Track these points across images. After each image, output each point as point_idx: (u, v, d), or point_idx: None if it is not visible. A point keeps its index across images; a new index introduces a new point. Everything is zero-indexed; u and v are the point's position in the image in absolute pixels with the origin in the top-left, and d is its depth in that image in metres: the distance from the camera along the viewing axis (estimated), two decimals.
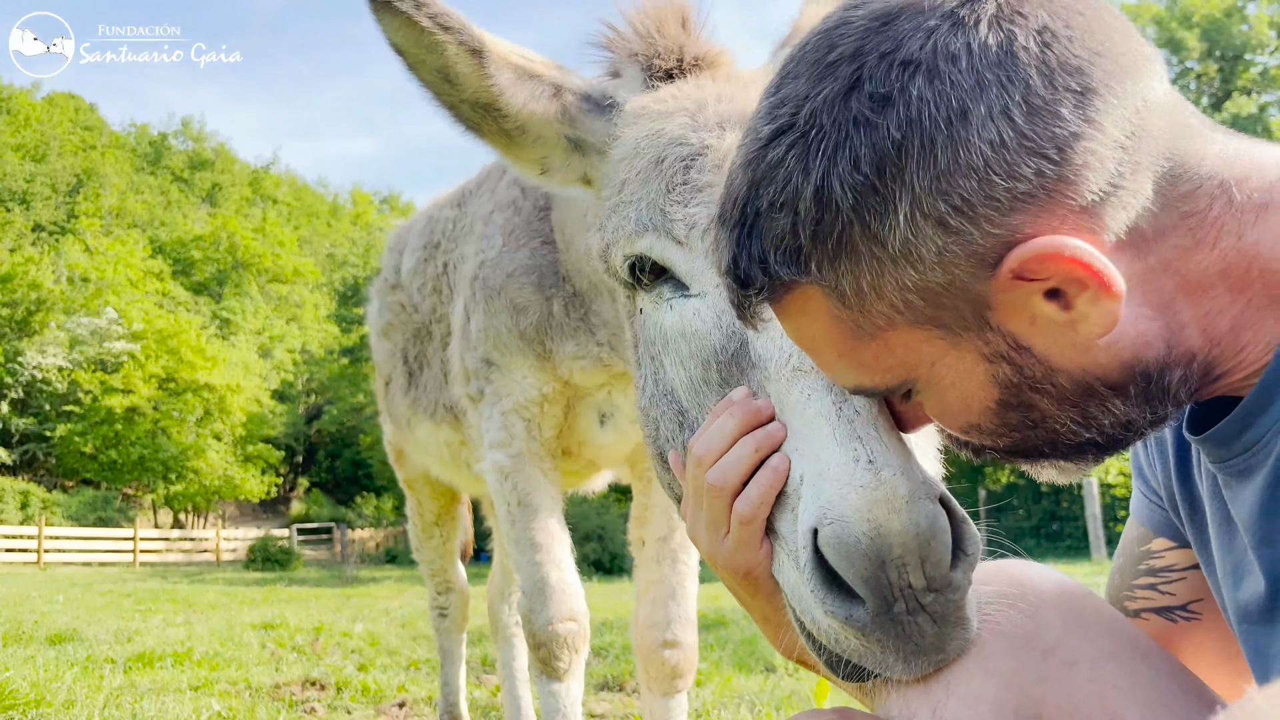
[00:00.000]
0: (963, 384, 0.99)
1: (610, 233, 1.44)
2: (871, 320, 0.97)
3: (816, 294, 0.98)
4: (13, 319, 41.79)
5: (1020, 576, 1.18)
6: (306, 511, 44.67)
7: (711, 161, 1.36)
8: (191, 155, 71.40)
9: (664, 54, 1.65)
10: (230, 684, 5.29)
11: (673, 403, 1.35)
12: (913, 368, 1.00)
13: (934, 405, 1.04)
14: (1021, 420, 1.01)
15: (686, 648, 2.63)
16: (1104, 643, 1.10)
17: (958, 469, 31.75)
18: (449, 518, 4.22)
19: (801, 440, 1.09)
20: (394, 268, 3.51)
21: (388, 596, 13.90)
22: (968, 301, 0.94)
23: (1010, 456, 1.07)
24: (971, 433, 1.05)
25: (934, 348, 0.97)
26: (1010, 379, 0.97)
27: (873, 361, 1.00)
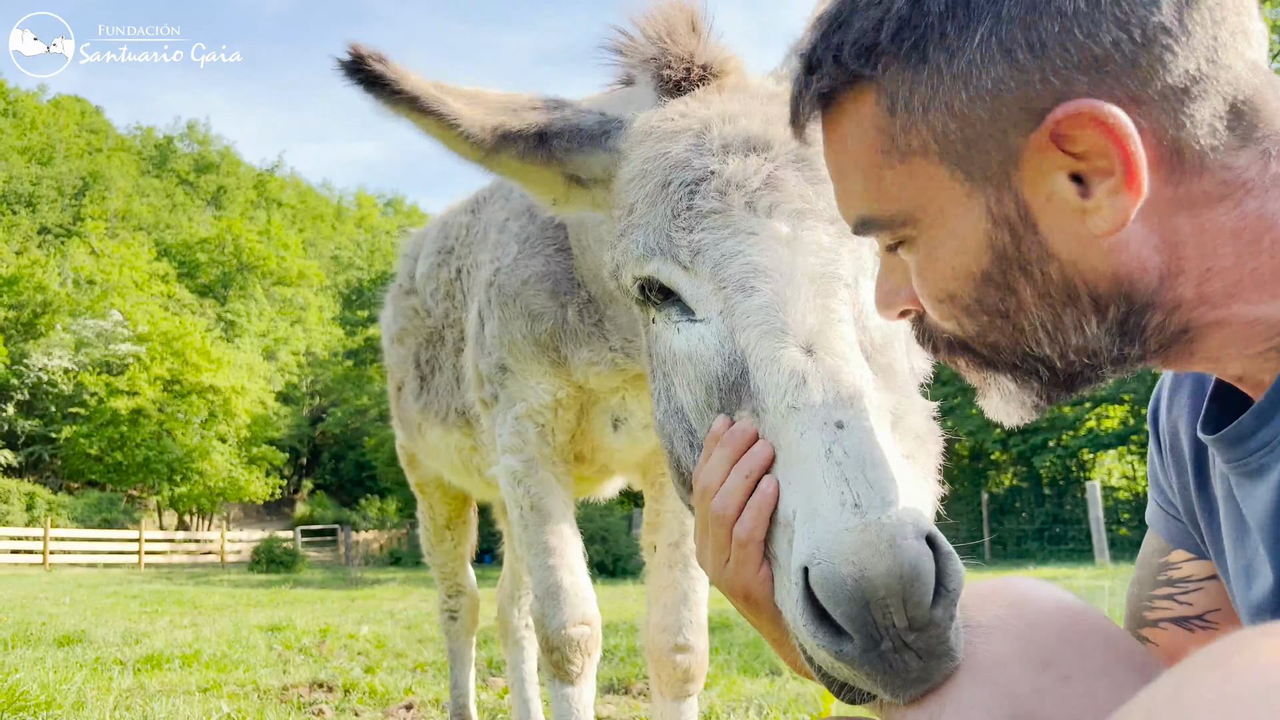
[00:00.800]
0: (958, 240, 1.01)
1: (620, 254, 1.45)
2: (908, 139, 1.00)
3: (870, 99, 1.01)
4: (19, 321, 41.92)
5: (1018, 592, 1.20)
6: (311, 513, 44.72)
7: (715, 187, 1.35)
8: (197, 158, 71.57)
9: (674, 63, 1.65)
10: (239, 686, 5.32)
11: (683, 421, 1.37)
12: (923, 206, 1.02)
13: (921, 260, 1.05)
14: (996, 303, 1.02)
15: (698, 652, 2.65)
16: (1100, 657, 1.11)
17: (962, 474, 31.58)
18: (460, 522, 4.24)
19: (795, 476, 1.11)
20: (409, 273, 3.53)
21: (393, 599, 13.92)
22: (1000, 151, 0.96)
23: (967, 354, 1.09)
24: (945, 303, 1.05)
25: (949, 193, 1.00)
26: (1005, 249, 0.99)
27: (890, 187, 1.03)
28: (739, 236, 1.30)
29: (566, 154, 1.62)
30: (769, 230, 1.30)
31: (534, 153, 1.62)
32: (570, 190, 1.68)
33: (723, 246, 1.31)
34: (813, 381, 1.16)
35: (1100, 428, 32.21)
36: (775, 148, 1.39)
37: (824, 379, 1.16)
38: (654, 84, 1.68)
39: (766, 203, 1.33)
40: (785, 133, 1.39)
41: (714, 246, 1.31)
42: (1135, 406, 31.53)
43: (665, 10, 1.72)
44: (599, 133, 1.61)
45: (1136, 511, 30.35)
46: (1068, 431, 31.50)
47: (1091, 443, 31.69)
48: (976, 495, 31.49)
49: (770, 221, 1.31)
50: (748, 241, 1.30)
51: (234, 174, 71.60)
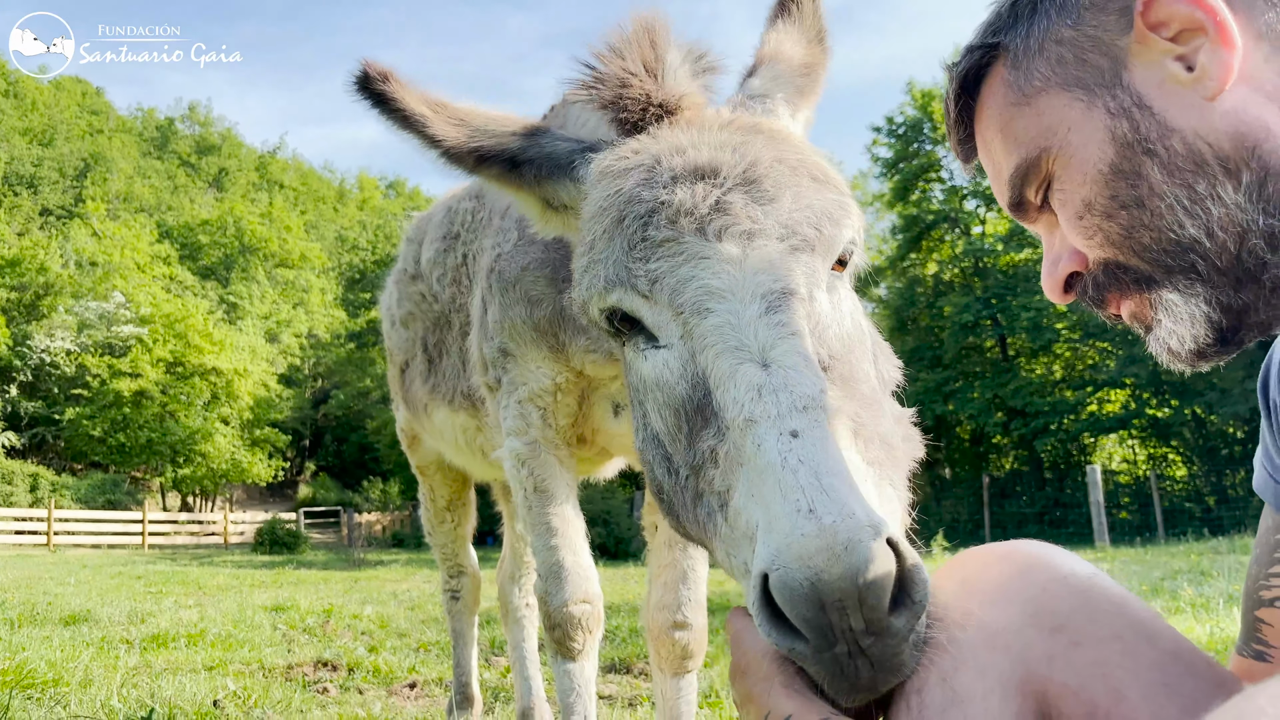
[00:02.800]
0: (1085, 149, 1.14)
1: (585, 290, 1.49)
2: (1030, 81, 1.18)
3: (999, 67, 1.22)
4: (21, 303, 41.92)
5: (1030, 557, 1.21)
6: (313, 495, 44.87)
7: (666, 217, 1.38)
8: (198, 140, 71.40)
9: (630, 107, 1.68)
10: (244, 664, 5.37)
11: (659, 447, 1.40)
12: (1052, 133, 1.16)
13: (1063, 185, 1.17)
14: (1129, 193, 1.11)
15: (697, 629, 2.69)
16: (1111, 623, 1.13)
17: (963, 457, 31.52)
18: (461, 503, 4.28)
19: (754, 488, 1.14)
20: (413, 258, 3.55)
21: (396, 580, 13.99)
22: (1108, 58, 1.11)
23: (1124, 274, 1.17)
24: (1085, 217, 1.16)
25: (1074, 111, 1.14)
26: (1126, 136, 1.10)
27: (1024, 132, 1.19)
28: (692, 262, 1.33)
29: (537, 181, 1.72)
30: (720, 253, 1.33)
31: (508, 176, 1.73)
32: (546, 213, 1.77)
33: (678, 273, 1.34)
34: (766, 393, 1.18)
35: (1102, 412, 32.24)
36: (723, 172, 1.41)
37: (778, 390, 1.19)
38: (614, 127, 1.72)
39: (716, 226, 1.35)
40: (732, 158, 1.43)
41: (670, 274, 1.35)
42: (1137, 391, 31.55)
43: (625, 50, 1.75)
44: (567, 163, 1.69)
45: (1137, 496, 30.42)
46: (1069, 415, 31.52)
47: (1093, 427, 31.72)
48: (977, 479, 31.53)
49: (721, 245, 1.34)
50: (700, 265, 1.33)
51: (235, 156, 71.43)
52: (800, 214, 1.39)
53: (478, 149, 1.71)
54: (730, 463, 1.20)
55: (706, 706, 3.69)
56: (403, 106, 1.70)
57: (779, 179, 1.42)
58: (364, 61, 1.71)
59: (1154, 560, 12.17)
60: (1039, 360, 34.16)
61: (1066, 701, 1.09)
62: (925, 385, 33.44)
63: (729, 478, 1.20)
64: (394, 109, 1.70)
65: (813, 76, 1.91)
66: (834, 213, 1.42)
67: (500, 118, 1.79)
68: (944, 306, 34.00)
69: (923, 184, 37.03)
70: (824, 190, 1.45)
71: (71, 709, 3.72)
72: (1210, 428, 30.61)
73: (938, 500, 33.95)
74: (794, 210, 1.39)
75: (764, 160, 1.44)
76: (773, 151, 1.46)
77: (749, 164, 1.42)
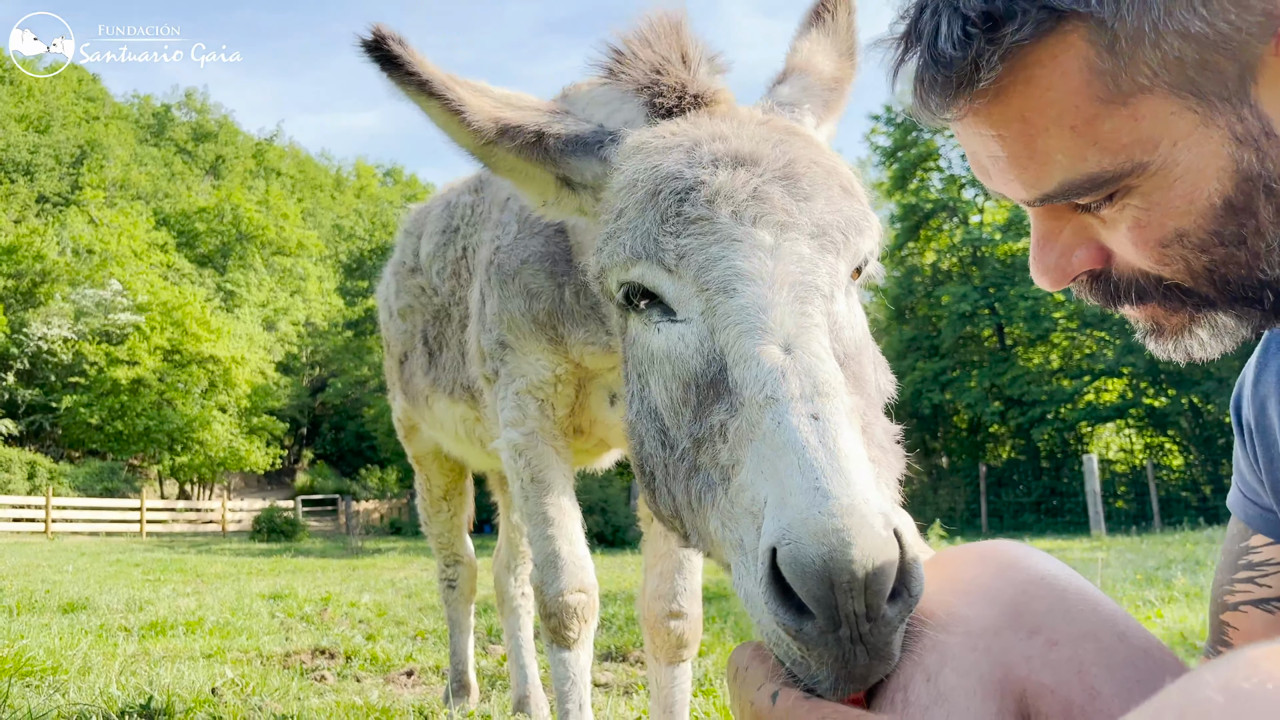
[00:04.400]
0: (1197, 172, 0.93)
1: (606, 257, 1.49)
2: (1132, 77, 0.90)
3: (1079, 40, 0.91)
4: (18, 290, 41.86)
5: (1007, 558, 1.24)
6: (311, 483, 44.90)
7: (704, 196, 1.40)
8: (195, 127, 71.13)
9: (666, 93, 1.70)
10: (242, 652, 5.39)
11: (656, 420, 1.41)
12: (1153, 146, 0.93)
13: (1140, 208, 0.97)
14: (1235, 231, 0.95)
15: (692, 618, 2.71)
16: (1085, 622, 1.16)
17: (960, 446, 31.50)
18: (457, 492, 4.30)
19: (768, 464, 1.14)
20: (412, 251, 3.56)
21: (393, 568, 14.02)
22: (1237, 65, 0.88)
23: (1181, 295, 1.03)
24: (1173, 245, 0.98)
25: (1183, 122, 0.91)
26: (1251, 169, 0.92)
27: (1110, 136, 0.93)
28: (724, 243, 1.35)
29: (561, 156, 1.71)
30: (753, 238, 1.35)
31: (530, 149, 1.71)
32: (561, 193, 1.76)
33: (708, 251, 1.35)
34: (791, 376, 1.20)
35: (1099, 401, 32.30)
36: (763, 164, 1.43)
37: (801, 374, 1.20)
38: (645, 110, 1.73)
39: (752, 213, 1.37)
40: (773, 152, 1.45)
41: (699, 251, 1.36)
42: (1134, 380, 31.60)
43: (660, 39, 1.76)
44: (594, 142, 1.69)
45: (1133, 485, 30.50)
46: (1066, 404, 31.58)
47: (1090, 416, 31.78)
48: (974, 468, 31.61)
49: (755, 230, 1.35)
50: (732, 248, 1.34)
51: (232, 143, 71.14)
52: (832, 217, 1.42)
53: (503, 118, 1.69)
54: (741, 438, 1.20)
55: (701, 694, 3.71)
56: (421, 71, 1.66)
57: (815, 179, 1.44)
58: (375, 25, 1.66)
59: (1149, 549, 12.23)
60: (1036, 349, 34.19)
61: (1044, 700, 1.12)
62: (923, 374, 33.48)
63: (737, 453, 1.20)
64: (411, 73, 1.65)
65: (839, 92, 1.93)
66: (860, 222, 1.45)
67: (519, 95, 1.80)
68: (942, 295, 34.01)
69: (921, 172, 37.01)
70: (852, 200, 1.48)
71: (70, 696, 3.74)
72: (1207, 417, 30.67)
73: (934, 489, 34.03)
74: (826, 212, 1.41)
75: (802, 159, 1.46)
76: (810, 153, 1.49)
77: (789, 160, 1.44)
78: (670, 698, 2.75)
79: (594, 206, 1.70)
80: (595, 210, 1.68)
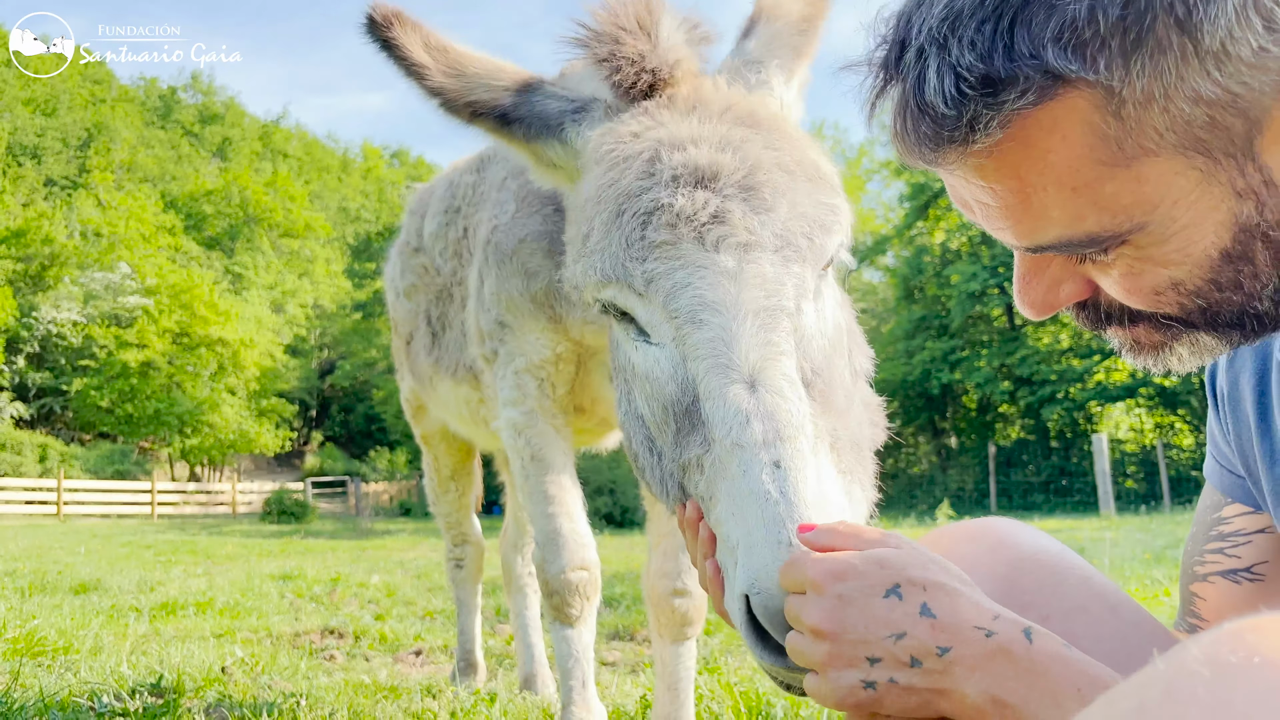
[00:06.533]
0: (1196, 228, 0.91)
1: (579, 276, 1.51)
2: (1138, 141, 0.87)
3: (1083, 104, 0.86)
4: (27, 274, 42.01)
5: (999, 535, 1.25)
6: (320, 465, 45.12)
7: (666, 220, 1.40)
8: (201, 109, 71.04)
9: (624, 67, 1.67)
10: (252, 632, 5.43)
11: (642, 427, 1.46)
12: (1153, 207, 0.90)
13: (1135, 259, 0.96)
14: (1231, 278, 0.94)
15: (696, 596, 2.72)
16: (1076, 596, 1.17)
17: (969, 426, 31.44)
18: (464, 472, 4.31)
19: (738, 509, 1.21)
20: (416, 231, 3.56)
21: (402, 549, 14.09)
22: (1245, 121, 0.85)
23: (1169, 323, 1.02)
24: (1166, 293, 0.97)
25: (1186, 181, 0.89)
26: (1250, 221, 0.90)
27: (1112, 198, 0.90)
28: (689, 269, 1.37)
29: (526, 138, 1.75)
30: (716, 265, 1.36)
31: (501, 130, 1.76)
32: (539, 167, 1.79)
33: (674, 277, 1.37)
34: (754, 420, 1.24)
35: (1109, 380, 32.21)
36: (722, 178, 1.43)
37: (763, 417, 1.24)
38: (608, 87, 1.71)
39: (714, 236, 1.38)
40: (732, 161, 1.44)
41: (665, 276, 1.38)
42: None
43: (617, 8, 1.73)
44: (555, 124, 1.72)
45: (1143, 464, 30.46)
46: (1075, 384, 31.50)
47: (1099, 395, 31.70)
48: (983, 447, 31.61)
49: (718, 256, 1.37)
50: (697, 274, 1.36)
51: (239, 125, 71.06)
52: (795, 223, 1.42)
53: (472, 103, 1.74)
54: (715, 474, 1.26)
55: (706, 672, 3.73)
56: (405, 54, 1.73)
57: (777, 185, 1.44)
58: (371, 4, 1.73)
59: (1158, 528, 12.22)
60: (1046, 329, 34.07)
61: None
62: (932, 354, 33.43)
63: (713, 487, 1.26)
64: (397, 55, 1.73)
65: (810, 33, 1.89)
66: (825, 219, 1.46)
67: (497, 69, 1.80)
68: (951, 275, 33.90)
69: None
70: (818, 192, 1.48)
71: (81, 675, 3.77)
72: None
73: (944, 469, 34.06)
74: (789, 220, 1.42)
75: (764, 164, 1.45)
76: (772, 154, 1.48)
77: (749, 169, 1.44)
78: (675, 675, 2.76)
79: (569, 199, 1.73)
80: (569, 204, 1.72)
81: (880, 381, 1.68)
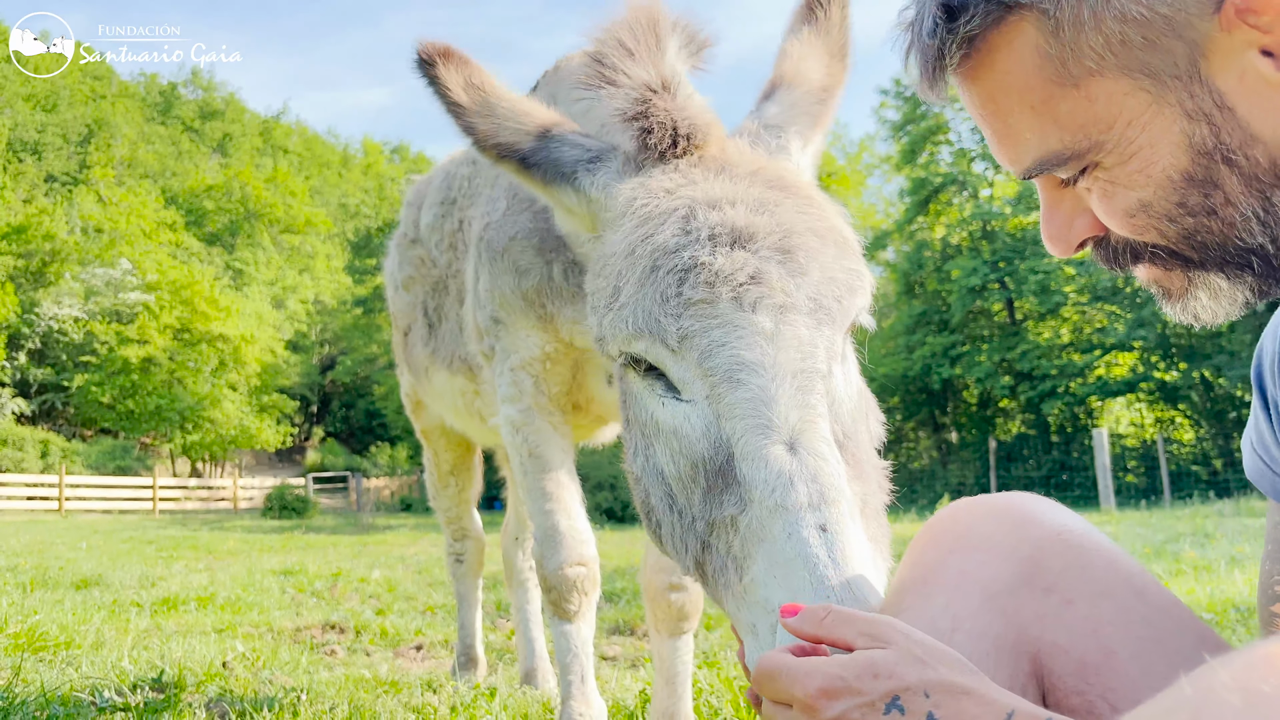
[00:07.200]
0: (1151, 149, 0.98)
1: (608, 328, 1.50)
2: (1080, 61, 0.96)
3: (1029, 28, 0.99)
4: (28, 270, 41.97)
5: (1023, 512, 1.22)
6: (322, 461, 45.11)
7: (704, 279, 1.40)
8: (201, 105, 70.93)
9: (657, 130, 1.67)
10: (253, 627, 5.45)
11: (663, 483, 1.44)
12: (1107, 125, 0.99)
13: (1106, 181, 1.03)
14: (1201, 203, 0.99)
15: (693, 591, 2.72)
16: (1102, 580, 1.14)
17: (970, 421, 31.44)
18: (464, 468, 4.32)
19: (781, 572, 1.19)
20: (413, 222, 3.57)
21: (403, 544, 14.11)
22: (1184, 43, 0.93)
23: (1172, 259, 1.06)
24: (1138, 215, 1.03)
25: (1136, 101, 0.97)
26: (1205, 143, 0.96)
27: (1068, 116, 1.00)
28: (725, 328, 1.36)
29: (545, 182, 1.77)
30: (754, 326, 1.36)
31: (522, 173, 1.80)
32: (560, 210, 1.83)
33: (710, 335, 1.36)
34: (798, 482, 1.23)
35: (1110, 375, 32.18)
36: (759, 239, 1.43)
37: (808, 480, 1.24)
38: (636, 145, 1.71)
39: (752, 297, 1.38)
40: (768, 224, 1.45)
41: (701, 334, 1.37)
42: (1145, 354, 31.47)
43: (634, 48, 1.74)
44: (569, 172, 1.74)
45: (1143, 459, 30.44)
46: (1076, 379, 31.48)
47: (1100, 390, 31.67)
48: (984, 442, 31.58)
49: (755, 317, 1.36)
50: (734, 334, 1.35)
51: (239, 121, 70.94)
52: (826, 287, 1.43)
53: (497, 144, 1.79)
54: (752, 535, 1.24)
55: (705, 667, 3.74)
56: (444, 92, 1.81)
57: (810, 250, 1.45)
58: (420, 44, 1.82)
59: (1158, 523, 12.21)
60: (1047, 323, 34.05)
61: (1058, 660, 1.11)
62: (932, 349, 33.40)
63: (749, 548, 1.24)
64: (439, 92, 1.82)
65: (828, 103, 1.92)
66: (853, 283, 1.47)
67: (523, 111, 1.82)
68: (952, 270, 33.85)
69: (930, 146, 36.74)
70: (845, 258, 1.49)
71: (83, 670, 3.79)
72: (1218, 391, 30.55)
73: (944, 464, 34.05)
74: (821, 283, 1.43)
75: (797, 229, 1.46)
76: (804, 220, 1.49)
77: (784, 232, 1.45)
78: (672, 669, 2.77)
79: (583, 230, 1.76)
80: (587, 254, 1.75)
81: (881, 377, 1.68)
